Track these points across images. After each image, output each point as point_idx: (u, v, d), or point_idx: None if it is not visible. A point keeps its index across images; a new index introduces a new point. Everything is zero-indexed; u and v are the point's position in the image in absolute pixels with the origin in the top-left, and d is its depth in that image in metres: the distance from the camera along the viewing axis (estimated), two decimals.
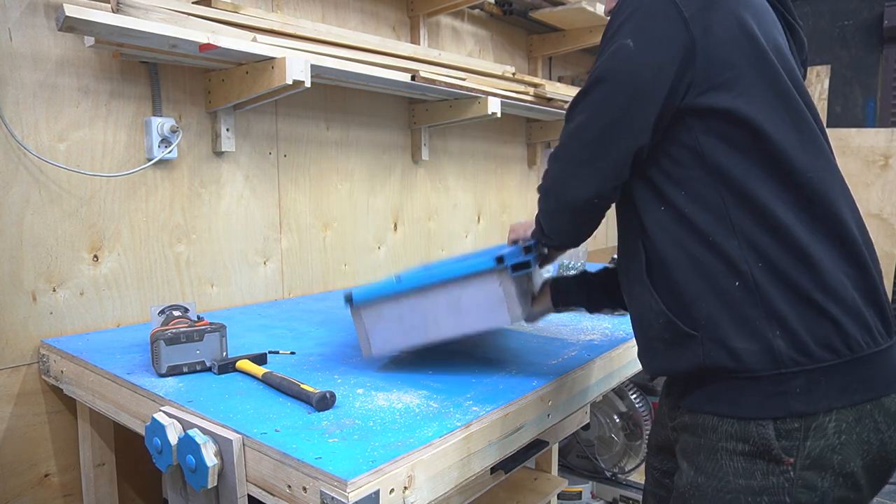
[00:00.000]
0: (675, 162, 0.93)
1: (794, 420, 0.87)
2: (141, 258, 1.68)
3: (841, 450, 0.87)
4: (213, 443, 0.95)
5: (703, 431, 0.95)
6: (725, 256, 0.89)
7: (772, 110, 0.89)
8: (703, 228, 0.91)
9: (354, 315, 1.24)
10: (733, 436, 0.91)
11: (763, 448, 0.89)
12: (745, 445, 0.90)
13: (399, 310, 1.20)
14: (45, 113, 1.48)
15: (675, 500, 1.01)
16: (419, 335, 1.21)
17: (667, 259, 0.94)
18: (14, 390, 1.47)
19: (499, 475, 1.11)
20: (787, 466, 0.88)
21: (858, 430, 0.88)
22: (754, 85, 0.90)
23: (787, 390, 0.87)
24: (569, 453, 2.55)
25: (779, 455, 0.88)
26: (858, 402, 0.88)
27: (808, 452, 0.87)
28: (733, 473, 0.91)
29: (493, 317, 1.16)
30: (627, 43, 0.89)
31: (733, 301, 0.89)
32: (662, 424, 1.19)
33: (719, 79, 0.89)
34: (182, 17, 1.52)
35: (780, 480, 0.88)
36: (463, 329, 1.18)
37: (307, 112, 2.09)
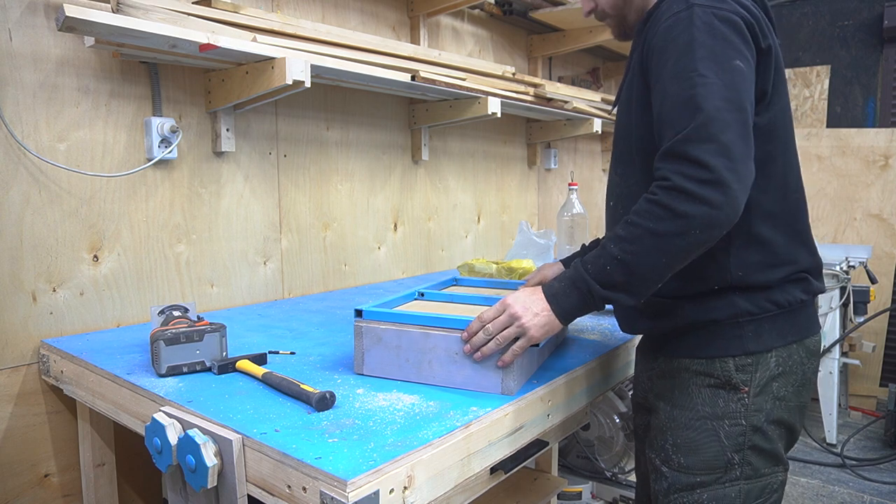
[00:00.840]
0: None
1: (748, 357, 1.13)
2: (141, 258, 1.68)
3: (778, 378, 1.14)
4: (212, 443, 0.95)
5: (678, 372, 1.19)
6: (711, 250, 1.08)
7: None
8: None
9: (356, 329, 1.20)
10: (702, 372, 1.15)
11: (725, 380, 1.14)
12: (711, 379, 1.15)
13: (399, 340, 1.16)
14: (45, 113, 1.48)
15: (654, 436, 1.23)
16: (412, 372, 1.16)
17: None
18: (14, 390, 1.47)
19: (499, 475, 1.11)
20: (743, 394, 1.13)
21: (790, 363, 1.15)
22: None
23: (742, 334, 1.13)
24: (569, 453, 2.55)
25: (737, 384, 1.13)
26: (790, 342, 1.15)
27: (757, 382, 1.13)
28: (701, 403, 1.15)
29: (484, 382, 1.10)
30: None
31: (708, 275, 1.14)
32: (639, 381, 1.38)
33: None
34: (182, 17, 1.52)
35: (737, 406, 1.13)
36: (453, 383, 1.13)
37: (307, 112, 2.09)
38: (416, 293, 1.41)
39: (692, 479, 1.15)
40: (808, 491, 2.58)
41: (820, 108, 3.84)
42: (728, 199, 0.96)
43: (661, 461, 1.20)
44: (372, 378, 1.19)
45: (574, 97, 2.85)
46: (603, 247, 1.05)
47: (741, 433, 1.13)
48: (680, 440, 1.17)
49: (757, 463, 1.14)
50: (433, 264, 2.65)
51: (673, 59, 1.03)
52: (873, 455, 2.89)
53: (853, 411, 3.41)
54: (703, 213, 0.96)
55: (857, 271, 3.10)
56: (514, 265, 1.92)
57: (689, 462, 1.15)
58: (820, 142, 3.68)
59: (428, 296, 1.41)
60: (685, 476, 1.16)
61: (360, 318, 1.19)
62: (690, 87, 0.99)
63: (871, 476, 2.70)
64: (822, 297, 2.99)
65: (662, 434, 1.20)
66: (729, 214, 0.97)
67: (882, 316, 3.31)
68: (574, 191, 2.09)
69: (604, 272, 1.04)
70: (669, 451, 1.18)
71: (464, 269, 2.05)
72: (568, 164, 3.49)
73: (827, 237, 3.66)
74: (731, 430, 1.13)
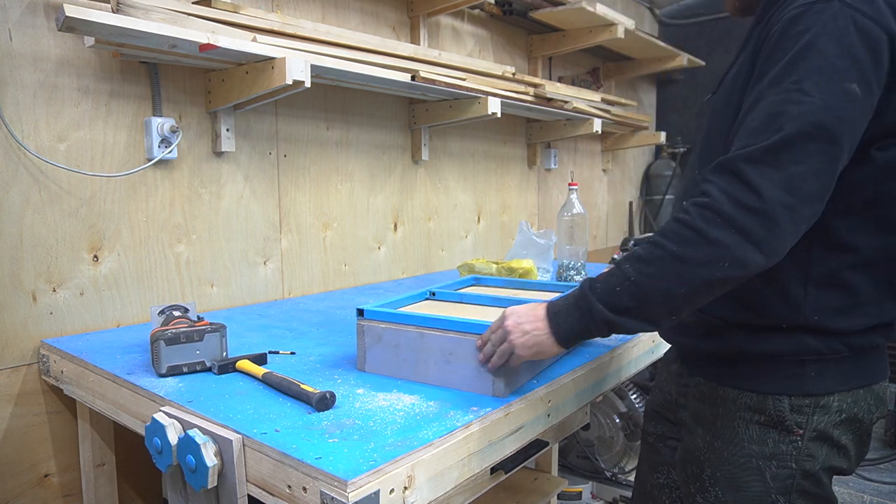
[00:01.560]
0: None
1: (806, 398, 1.01)
2: (141, 258, 1.68)
3: (839, 425, 1.02)
4: (213, 443, 0.95)
5: (723, 402, 1.07)
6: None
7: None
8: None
9: (358, 328, 1.23)
10: (751, 407, 1.04)
11: (777, 419, 1.02)
12: (762, 416, 1.03)
13: (397, 339, 1.19)
14: (45, 113, 1.48)
15: (687, 461, 1.13)
16: (409, 371, 1.18)
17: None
18: (14, 390, 1.47)
19: (499, 475, 1.11)
20: (796, 437, 1.01)
21: (854, 410, 1.02)
22: None
23: (803, 373, 1.00)
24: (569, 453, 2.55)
25: (791, 426, 1.01)
26: (856, 388, 1.02)
27: (814, 426, 1.01)
28: (748, 440, 1.04)
29: (476, 384, 1.11)
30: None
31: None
32: (663, 389, 1.28)
33: None
34: (182, 17, 1.52)
35: (788, 448, 1.02)
36: (448, 383, 1.14)
37: (307, 112, 2.09)
38: (427, 293, 1.42)
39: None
40: None
41: None
42: (771, 238, 0.84)
43: (696, 490, 1.10)
44: (372, 378, 1.20)
45: (574, 97, 2.85)
46: (618, 265, 0.94)
47: (790, 476, 1.02)
48: (720, 473, 1.07)
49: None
50: (433, 264, 2.65)
51: (783, 60, 0.88)
52: (873, 455, 2.89)
53: None
54: (736, 245, 0.83)
55: None
56: (515, 265, 1.92)
57: (729, 498, 1.06)
58: None
59: (439, 295, 1.41)
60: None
61: (362, 318, 1.22)
62: (784, 102, 0.86)
63: (871, 476, 2.69)
64: None
65: (698, 462, 1.10)
66: (767, 255, 0.85)
67: None
68: (574, 191, 2.09)
69: (612, 293, 0.92)
70: (706, 483, 1.08)
71: (464, 269, 2.05)
72: (568, 164, 3.49)
73: None
74: (778, 472, 1.02)
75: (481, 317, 1.18)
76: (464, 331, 1.11)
